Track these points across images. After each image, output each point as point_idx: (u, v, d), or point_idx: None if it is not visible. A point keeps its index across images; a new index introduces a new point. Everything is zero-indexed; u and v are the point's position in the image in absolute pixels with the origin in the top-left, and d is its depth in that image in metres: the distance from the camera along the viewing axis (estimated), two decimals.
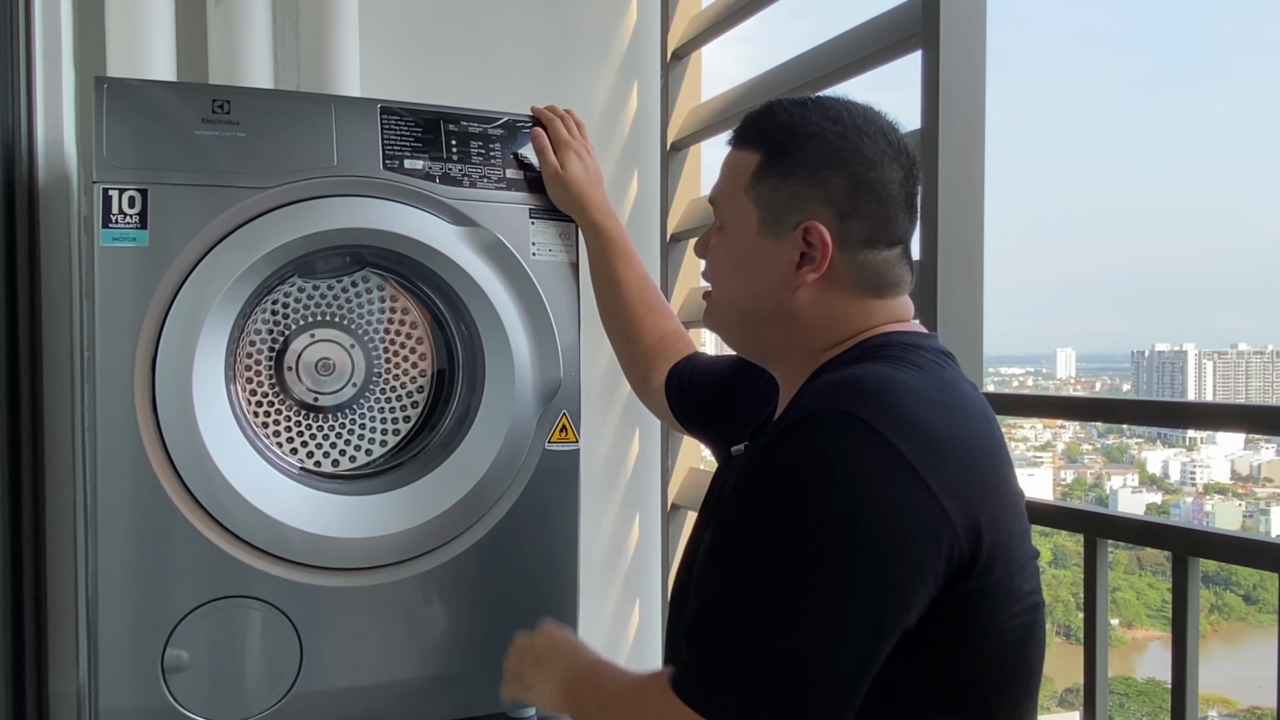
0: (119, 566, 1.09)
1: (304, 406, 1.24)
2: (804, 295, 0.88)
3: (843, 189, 0.86)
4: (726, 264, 0.93)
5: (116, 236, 1.08)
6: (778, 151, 0.88)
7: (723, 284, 0.95)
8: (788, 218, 0.87)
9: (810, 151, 0.87)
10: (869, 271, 0.88)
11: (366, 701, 1.20)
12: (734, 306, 0.94)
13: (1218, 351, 12.10)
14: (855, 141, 0.87)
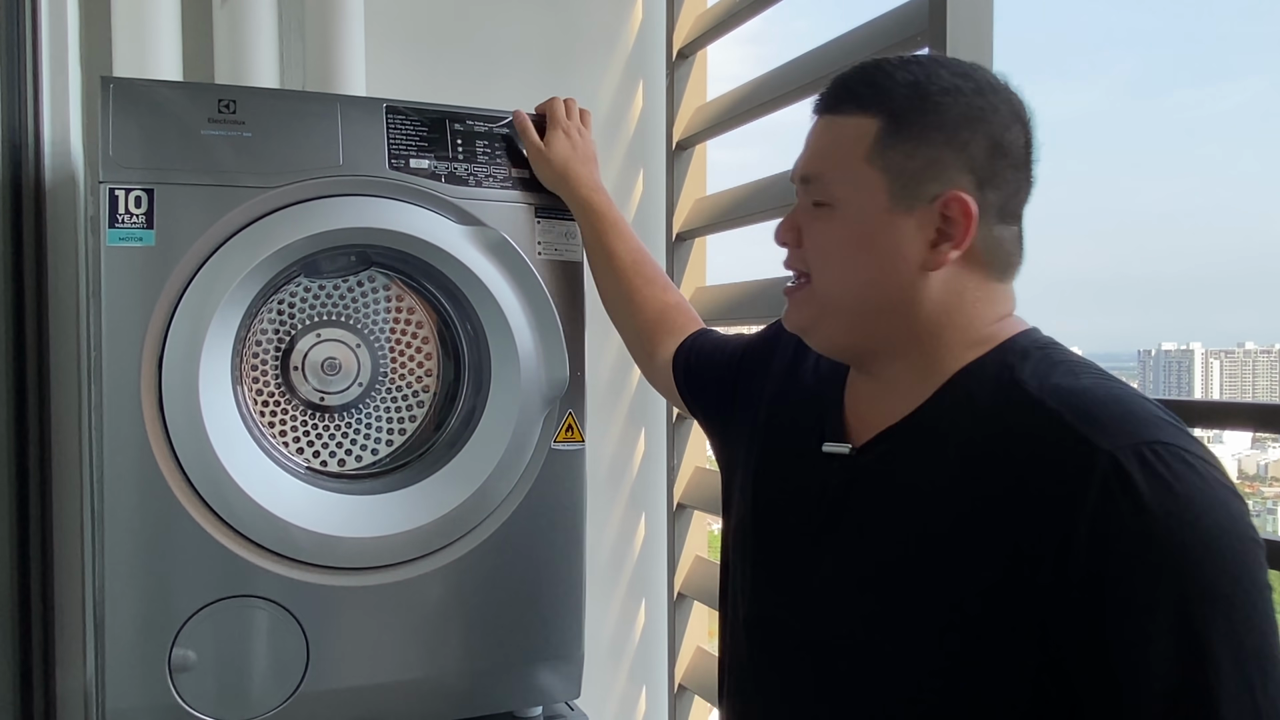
0: (126, 566, 1.09)
1: (310, 406, 1.24)
2: (937, 278, 0.77)
3: (983, 153, 0.76)
4: (841, 245, 0.80)
5: (123, 236, 1.08)
6: (906, 112, 0.76)
7: (833, 270, 0.81)
8: (925, 188, 0.76)
9: (948, 111, 0.76)
10: (1000, 250, 0.78)
11: (373, 701, 1.20)
12: (849, 295, 0.80)
13: (1224, 350, 12.07)
14: (991, 99, 0.77)
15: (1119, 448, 0.65)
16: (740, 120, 1.76)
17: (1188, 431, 0.68)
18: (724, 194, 1.85)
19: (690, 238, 1.93)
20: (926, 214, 0.76)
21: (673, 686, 1.96)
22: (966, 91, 0.77)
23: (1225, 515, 0.64)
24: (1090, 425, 0.67)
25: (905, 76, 0.78)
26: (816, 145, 0.82)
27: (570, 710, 1.34)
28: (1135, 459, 0.64)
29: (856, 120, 0.79)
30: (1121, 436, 0.66)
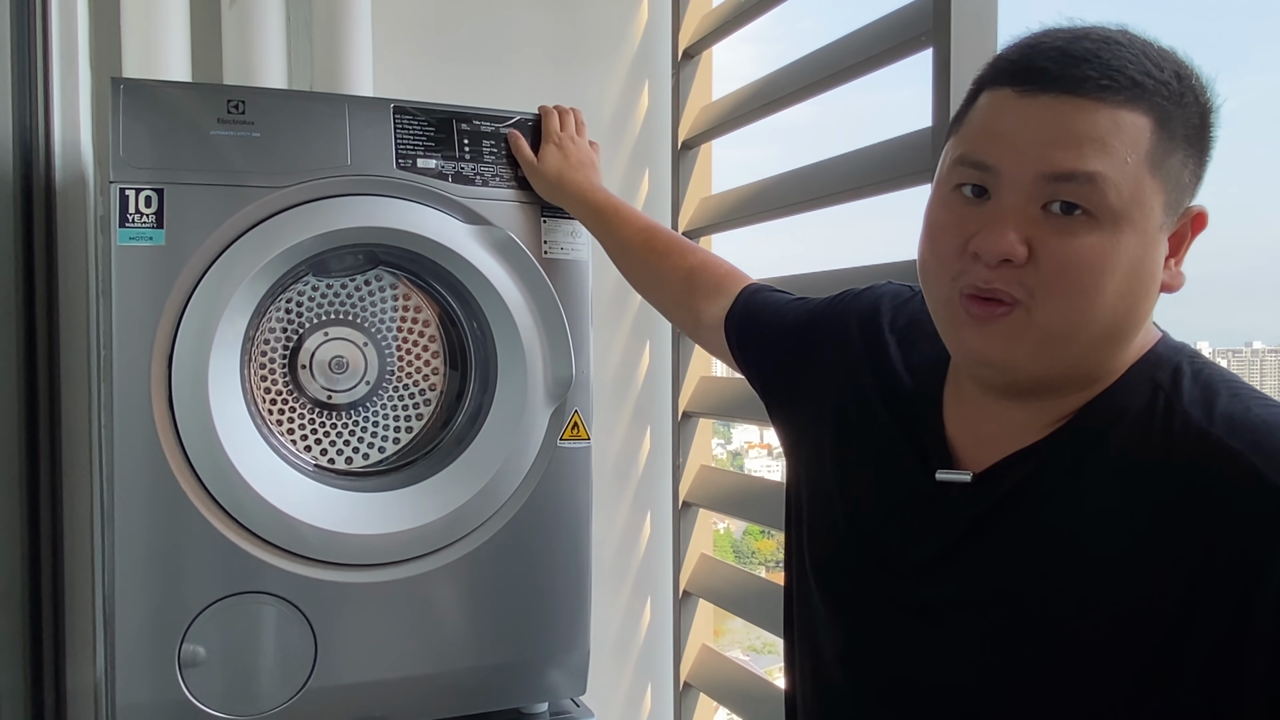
0: (136, 562, 1.10)
1: (318, 404, 1.25)
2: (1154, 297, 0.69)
3: (1207, 152, 0.68)
4: (1110, 267, 0.65)
5: (133, 235, 1.09)
6: (1170, 114, 0.65)
7: (1085, 296, 0.65)
8: (1183, 202, 0.67)
9: (1197, 111, 0.66)
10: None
11: (380, 697, 1.21)
12: (1095, 325, 0.67)
13: (1232, 350, 12.06)
14: (1205, 86, 0.68)
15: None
16: (746, 120, 1.77)
17: None
18: (729, 193, 1.86)
19: (696, 237, 1.94)
20: (1178, 229, 0.68)
21: (678, 684, 1.96)
22: (1200, 85, 0.67)
23: None
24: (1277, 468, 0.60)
25: (1168, 64, 0.66)
26: (1084, 136, 0.64)
27: (576, 706, 1.35)
28: None
29: (1131, 116, 0.64)
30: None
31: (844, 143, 1.51)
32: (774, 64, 1.75)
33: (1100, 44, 0.66)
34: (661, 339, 2.01)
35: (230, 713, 1.14)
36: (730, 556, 3.17)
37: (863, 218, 1.63)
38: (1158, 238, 0.67)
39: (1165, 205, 0.66)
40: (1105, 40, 0.67)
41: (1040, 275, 0.66)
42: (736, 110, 1.77)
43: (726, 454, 4.55)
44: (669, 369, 1.99)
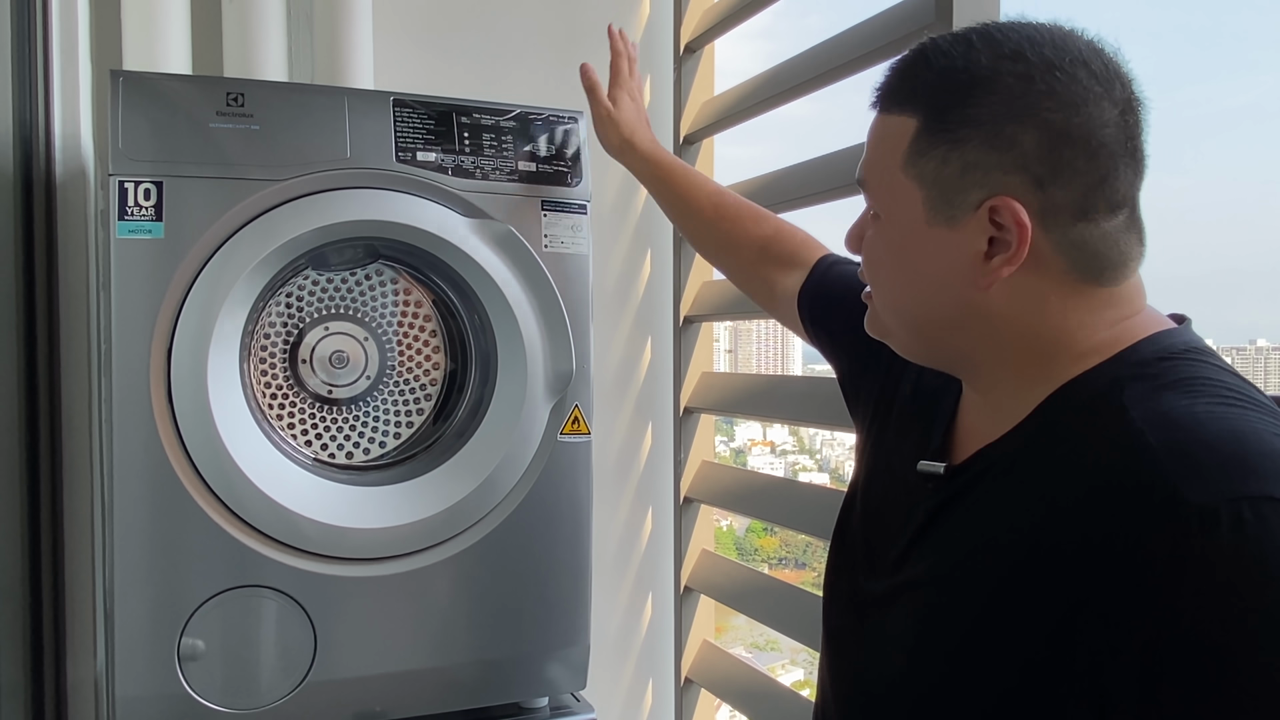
0: (135, 556, 1.10)
1: (318, 399, 1.24)
2: (999, 292, 0.67)
3: (1036, 147, 0.64)
4: (886, 260, 0.73)
5: (132, 228, 1.08)
6: (941, 110, 0.67)
7: (884, 286, 0.74)
8: (966, 196, 0.66)
9: (986, 104, 0.65)
10: (1087, 251, 0.66)
11: (380, 691, 1.20)
12: (904, 311, 0.73)
13: (1236, 348, 12.02)
14: (1047, 81, 0.64)
15: (1209, 503, 0.55)
16: (748, 114, 1.76)
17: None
18: (733, 188, 1.85)
19: None
20: (973, 225, 0.66)
21: (679, 680, 1.96)
22: (1011, 76, 0.65)
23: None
24: (1185, 470, 0.57)
25: (943, 63, 0.67)
26: (867, 146, 0.73)
27: (576, 702, 1.34)
28: (1229, 519, 0.54)
29: (897, 120, 0.70)
30: (1219, 487, 0.55)
31: (847, 140, 1.51)
32: (777, 60, 1.74)
33: (914, 53, 0.70)
34: (663, 334, 2.00)
35: (230, 706, 1.14)
36: (733, 554, 3.17)
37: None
38: (934, 234, 0.68)
39: (926, 200, 0.68)
40: (921, 49, 0.70)
41: (864, 265, 0.76)
42: (739, 105, 1.77)
43: (730, 451, 4.56)
44: (670, 364, 1.99)
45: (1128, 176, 0.67)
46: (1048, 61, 0.65)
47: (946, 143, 0.66)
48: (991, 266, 0.66)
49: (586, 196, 1.31)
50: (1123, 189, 0.67)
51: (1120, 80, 0.66)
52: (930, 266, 0.69)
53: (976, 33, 0.68)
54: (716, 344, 2.04)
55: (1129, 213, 0.68)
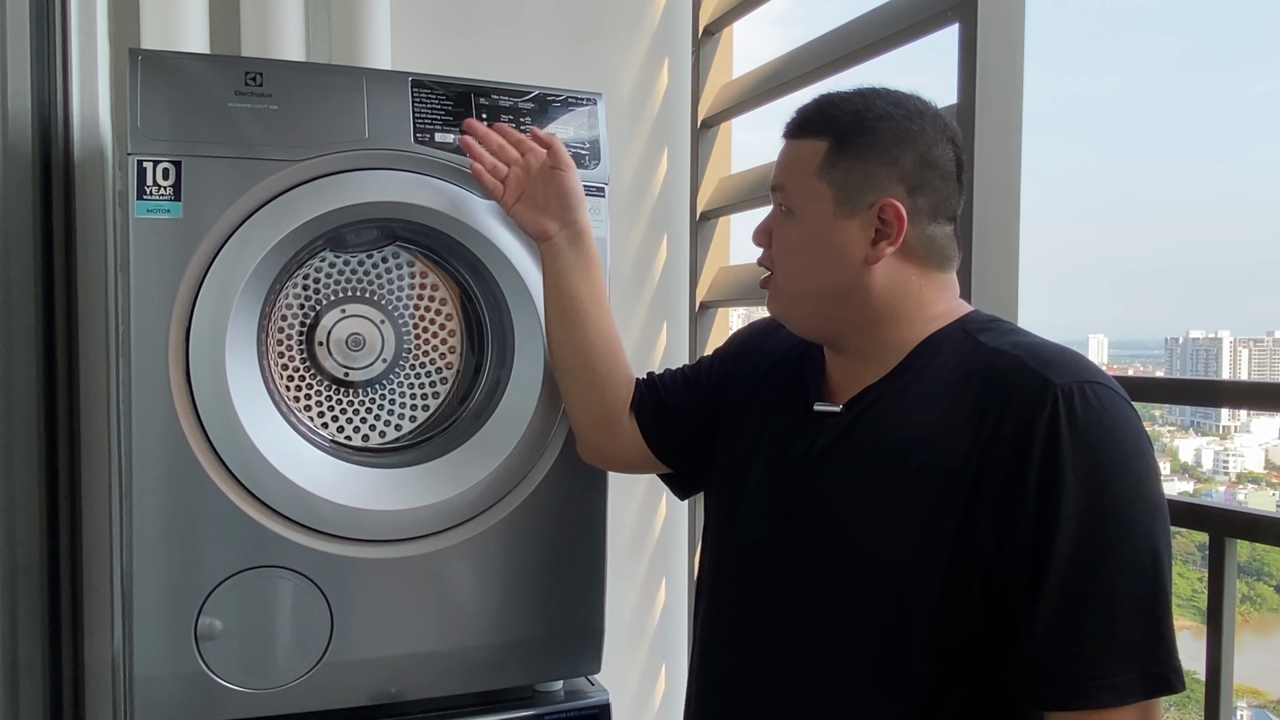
0: (153, 536, 1.10)
1: (335, 381, 1.24)
2: (880, 270, 0.93)
3: (911, 166, 0.92)
4: (798, 247, 0.97)
5: (151, 208, 1.08)
6: (847, 136, 0.93)
7: (793, 267, 0.98)
8: (863, 197, 0.92)
9: (880, 134, 0.92)
10: (935, 245, 0.94)
11: (396, 672, 1.21)
12: (808, 287, 0.97)
13: (1253, 339, 11.88)
14: (919, 123, 0.93)
15: (1066, 384, 0.83)
16: (766, 98, 1.75)
17: (1112, 378, 0.87)
18: (749, 173, 1.84)
19: (714, 217, 1.93)
20: (866, 218, 0.92)
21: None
22: (897, 117, 0.93)
23: (1133, 434, 0.84)
24: (1046, 367, 0.85)
25: (849, 107, 0.94)
26: (782, 162, 0.98)
27: (591, 685, 1.34)
28: (1078, 393, 0.83)
29: (811, 144, 0.95)
30: (1069, 376, 0.84)
31: None
32: (795, 47, 1.73)
33: (821, 100, 0.97)
34: (679, 318, 2.00)
35: (247, 686, 1.14)
36: None
37: None
38: (838, 224, 0.93)
39: (835, 199, 0.93)
40: (828, 98, 0.97)
41: (774, 254, 1.00)
42: (758, 88, 1.75)
43: None
44: (686, 348, 1.98)
45: (958, 197, 0.96)
46: (918, 110, 0.94)
47: (852, 157, 0.92)
48: (878, 249, 0.92)
49: (604, 179, 1.30)
50: (955, 205, 0.96)
51: (954, 131, 0.96)
52: (833, 249, 0.94)
53: (865, 90, 0.96)
54: (732, 330, 2.04)
55: (955, 226, 0.96)
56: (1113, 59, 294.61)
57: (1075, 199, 42.95)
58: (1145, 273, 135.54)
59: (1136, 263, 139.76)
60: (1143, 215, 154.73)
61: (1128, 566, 0.81)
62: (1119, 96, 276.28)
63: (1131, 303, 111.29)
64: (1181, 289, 28.29)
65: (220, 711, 1.14)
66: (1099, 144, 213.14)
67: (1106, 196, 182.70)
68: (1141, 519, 0.82)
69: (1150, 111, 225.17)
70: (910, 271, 0.93)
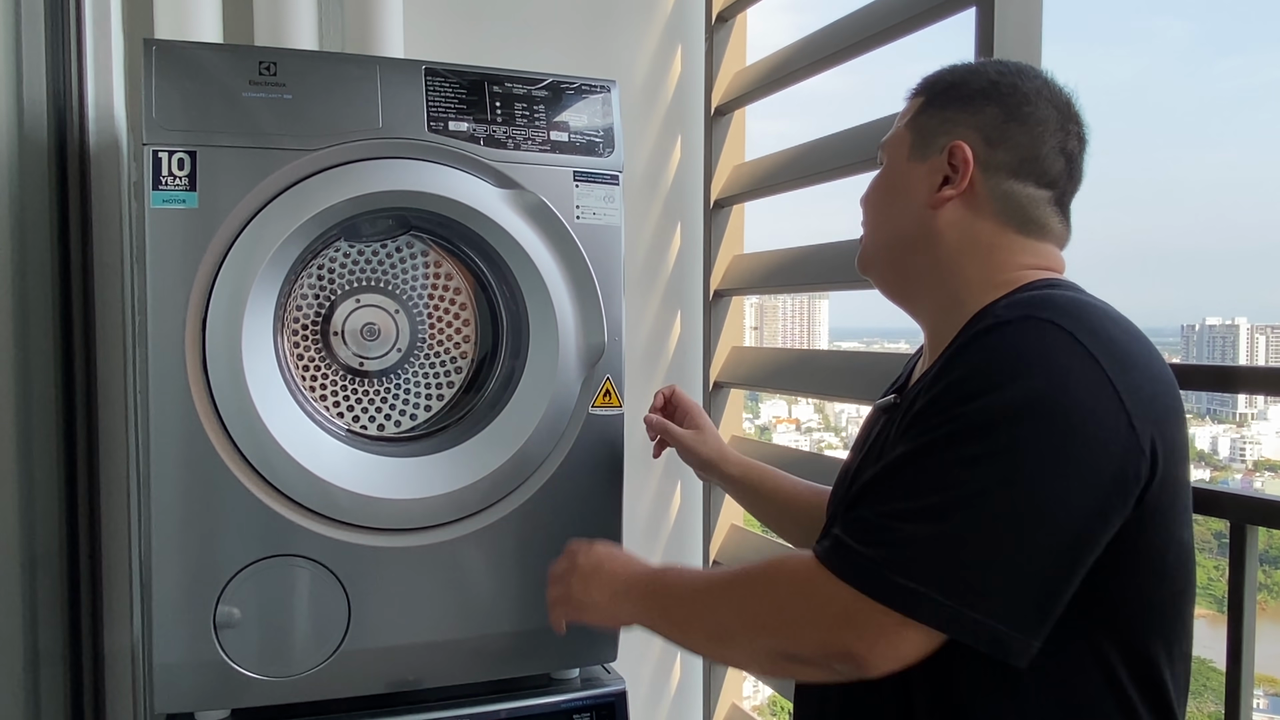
0: (171, 525, 1.11)
1: (350, 371, 1.24)
2: (945, 216, 0.89)
3: (994, 117, 0.89)
4: (876, 195, 0.97)
5: (166, 198, 1.08)
6: (940, 90, 0.93)
7: (873, 215, 0.97)
8: (936, 140, 0.91)
9: (969, 85, 0.91)
10: (1013, 202, 0.88)
11: (412, 660, 1.21)
12: (881, 234, 0.96)
13: (1270, 325, 11.76)
14: (1013, 80, 0.90)
15: (1009, 318, 0.78)
16: (781, 84, 1.74)
17: (1088, 321, 0.77)
18: (763, 160, 1.83)
19: (728, 204, 1.92)
20: (936, 162, 0.90)
21: None
22: (992, 74, 0.91)
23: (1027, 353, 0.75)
24: (1009, 308, 0.80)
25: (957, 69, 0.94)
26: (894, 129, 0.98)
27: (607, 673, 1.35)
28: (1013, 324, 0.77)
29: (914, 101, 0.96)
30: (1022, 311, 0.79)
31: (875, 114, 1.48)
32: (809, 32, 1.71)
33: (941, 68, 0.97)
34: (693, 307, 1.99)
35: (266, 674, 1.15)
36: (760, 528, 3.15)
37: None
38: (910, 167, 0.92)
39: (912, 144, 0.93)
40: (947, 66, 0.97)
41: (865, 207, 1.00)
42: (772, 75, 1.74)
43: (755, 429, 4.54)
44: (700, 338, 1.98)
45: (1058, 167, 0.89)
46: (1020, 71, 0.92)
47: (938, 107, 0.92)
48: (942, 192, 0.89)
49: (619, 167, 1.29)
50: (1051, 172, 0.89)
51: (1071, 109, 0.91)
52: (903, 192, 0.93)
53: (992, 62, 0.94)
54: (746, 320, 2.03)
55: (1056, 195, 0.90)
56: (1130, 42, 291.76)
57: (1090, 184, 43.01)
58: (1161, 258, 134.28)
59: (1152, 248, 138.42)
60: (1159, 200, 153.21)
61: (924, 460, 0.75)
62: (1136, 80, 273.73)
63: (1147, 289, 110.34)
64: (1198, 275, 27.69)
65: (239, 699, 1.15)
66: (1114, 128, 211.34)
67: (1122, 181, 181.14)
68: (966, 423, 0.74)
69: (1167, 95, 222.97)
70: (981, 226, 0.88)
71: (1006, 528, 0.72)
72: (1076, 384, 0.74)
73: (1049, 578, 0.73)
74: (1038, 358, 0.75)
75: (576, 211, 1.26)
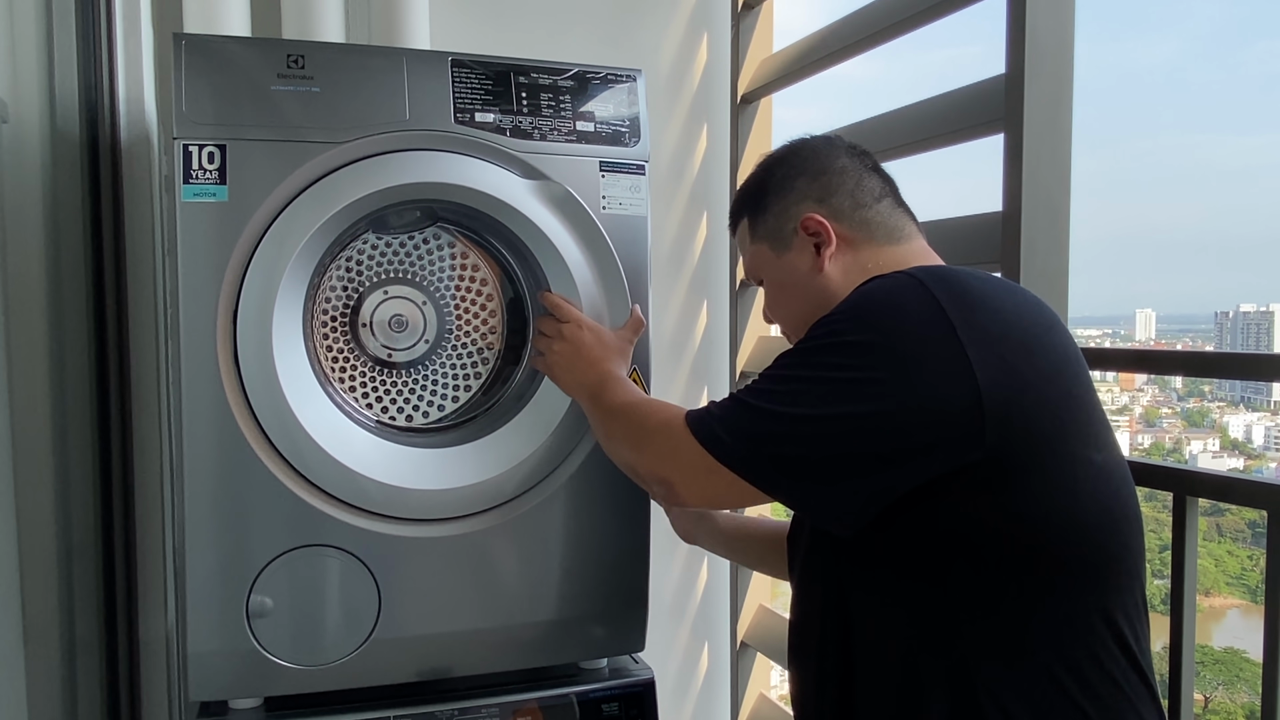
0: (204, 516, 1.12)
1: (378, 362, 1.25)
2: (832, 269, 1.02)
3: (810, 182, 1.04)
4: (775, 299, 1.10)
5: (197, 192, 1.09)
6: (752, 202, 1.09)
7: (783, 313, 1.10)
8: (784, 229, 1.06)
9: (772, 181, 1.07)
10: (874, 224, 1.03)
11: (442, 649, 1.22)
12: (798, 318, 1.06)
13: None
14: (798, 153, 1.07)
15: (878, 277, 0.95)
16: (807, 71, 1.72)
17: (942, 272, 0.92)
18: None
19: None
20: (799, 242, 1.05)
21: (735, 643, 1.97)
22: (775, 161, 1.09)
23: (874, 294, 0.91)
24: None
25: (747, 186, 1.11)
26: (743, 258, 1.15)
27: (635, 663, 1.35)
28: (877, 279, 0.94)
29: (740, 227, 1.13)
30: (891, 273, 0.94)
31: (902, 101, 1.47)
32: (835, 16, 1.69)
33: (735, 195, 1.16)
34: (720, 297, 1.98)
35: (298, 662, 1.16)
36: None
37: (933, 169, 1.59)
38: (784, 260, 1.06)
39: (771, 247, 1.08)
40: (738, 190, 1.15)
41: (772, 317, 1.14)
42: (798, 62, 1.73)
43: None
44: (727, 327, 1.97)
45: (876, 180, 1.06)
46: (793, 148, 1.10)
47: (763, 212, 1.08)
48: (823, 255, 1.03)
49: (644, 157, 1.29)
50: (876, 186, 1.05)
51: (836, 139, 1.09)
52: (793, 279, 1.05)
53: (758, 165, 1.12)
54: None
55: (891, 201, 1.06)
56: (1162, 26, 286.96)
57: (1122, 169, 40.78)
58: (1194, 245, 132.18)
59: (1185, 235, 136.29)
60: (1192, 186, 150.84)
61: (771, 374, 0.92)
62: (1166, 65, 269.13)
63: (1180, 275, 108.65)
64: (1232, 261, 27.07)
65: (272, 687, 1.16)
66: (1145, 113, 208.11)
67: (1155, 167, 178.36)
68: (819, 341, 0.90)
69: (1202, 80, 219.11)
70: (863, 257, 1.02)
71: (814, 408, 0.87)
72: (912, 316, 0.87)
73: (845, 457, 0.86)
74: (885, 295, 0.90)
75: (603, 202, 1.26)
